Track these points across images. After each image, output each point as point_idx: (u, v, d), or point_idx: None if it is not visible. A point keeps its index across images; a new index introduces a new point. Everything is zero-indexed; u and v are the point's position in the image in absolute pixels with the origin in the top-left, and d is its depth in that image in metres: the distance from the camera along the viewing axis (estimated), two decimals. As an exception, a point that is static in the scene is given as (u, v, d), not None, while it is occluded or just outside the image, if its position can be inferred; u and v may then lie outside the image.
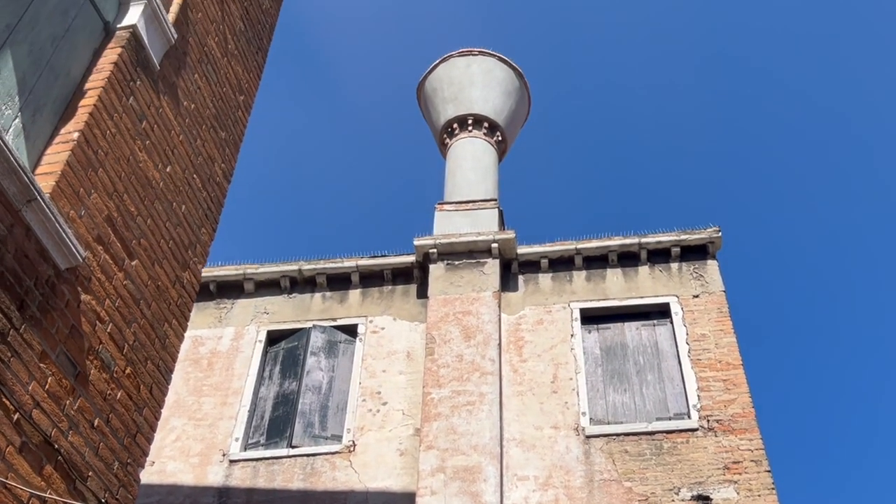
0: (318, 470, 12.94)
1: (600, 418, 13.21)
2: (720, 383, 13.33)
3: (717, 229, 15.15)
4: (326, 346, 14.61)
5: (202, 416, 13.76)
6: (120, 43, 5.80)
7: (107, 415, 5.07)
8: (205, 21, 7.06)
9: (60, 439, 4.61)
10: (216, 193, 6.88)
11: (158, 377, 5.68)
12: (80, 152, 5.12)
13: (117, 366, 5.24)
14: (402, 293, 15.26)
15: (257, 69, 8.11)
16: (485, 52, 19.58)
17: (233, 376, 14.34)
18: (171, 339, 5.89)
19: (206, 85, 6.93)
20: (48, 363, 4.60)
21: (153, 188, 5.91)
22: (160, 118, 6.11)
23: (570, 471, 12.49)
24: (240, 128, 7.54)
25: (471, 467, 12.37)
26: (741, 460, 12.40)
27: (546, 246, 15.33)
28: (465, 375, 13.47)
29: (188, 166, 6.44)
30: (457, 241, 15.10)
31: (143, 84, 5.94)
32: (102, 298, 5.16)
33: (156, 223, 5.88)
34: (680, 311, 14.34)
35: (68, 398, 4.73)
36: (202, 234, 6.57)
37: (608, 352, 14.17)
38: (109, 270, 5.26)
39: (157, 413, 5.61)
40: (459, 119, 18.94)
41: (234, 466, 13.13)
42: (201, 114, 6.77)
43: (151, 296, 5.72)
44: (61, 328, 4.74)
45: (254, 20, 8.15)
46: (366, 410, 13.65)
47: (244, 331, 14.98)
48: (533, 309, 14.71)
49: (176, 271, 6.08)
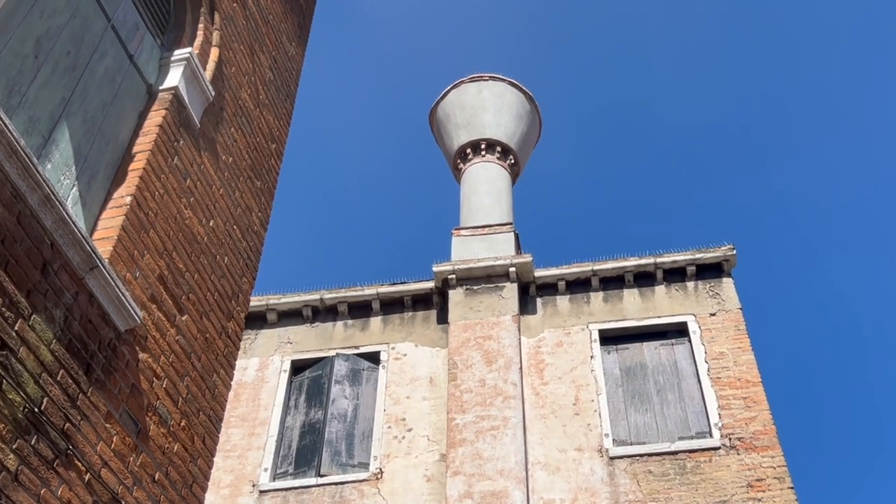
0: (346, 498, 13.13)
1: (623, 439, 13.38)
2: (740, 401, 13.50)
3: (731, 247, 15.35)
4: (350, 374, 14.82)
5: (231, 447, 13.97)
6: (163, 105, 6.03)
7: (166, 468, 5.28)
8: (238, 75, 7.30)
9: (126, 496, 4.82)
10: (255, 242, 7.11)
11: (210, 427, 5.90)
12: (133, 216, 5.35)
13: (173, 419, 5.45)
14: (422, 319, 15.48)
15: (287, 116, 8.34)
16: (495, 77, 19.85)
17: (259, 407, 14.55)
18: (219, 389, 6.11)
19: (241, 137, 7.17)
20: (112, 423, 4.81)
21: (198, 243, 6.13)
22: (202, 174, 6.34)
23: (596, 493, 12.66)
24: (273, 175, 7.77)
25: (498, 492, 12.55)
26: (764, 478, 12.55)
27: (563, 268, 15.54)
28: (489, 400, 13.67)
29: (229, 219, 6.67)
30: (475, 267, 15.31)
31: (185, 143, 6.17)
32: (157, 355, 5.38)
33: (202, 277, 6.11)
34: (698, 330, 14.53)
35: (132, 455, 4.94)
36: (243, 284, 6.79)
37: (628, 372, 14.35)
38: (163, 327, 5.48)
39: (209, 462, 5.82)
40: (472, 144, 19.20)
41: (265, 497, 13.33)
42: (238, 166, 7.01)
43: (201, 348, 5.93)
44: (123, 388, 4.96)
45: (281, 68, 8.39)
46: (391, 437, 13.85)
47: (268, 361, 15.21)
48: (552, 331, 14.91)
49: (222, 322, 6.30)
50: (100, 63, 5.56)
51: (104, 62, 5.61)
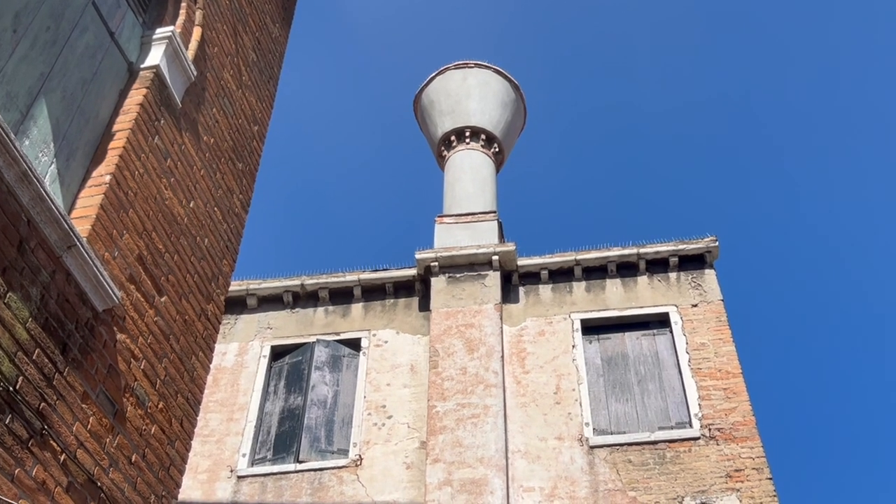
0: (325, 484, 13.09)
1: (603, 428, 13.39)
2: (720, 392, 13.53)
3: (713, 239, 15.36)
4: (330, 361, 14.76)
5: (209, 432, 13.90)
6: (144, 83, 5.94)
7: (143, 450, 5.22)
8: (220, 55, 7.22)
9: (102, 477, 4.76)
10: (235, 225, 7.03)
11: (188, 410, 5.84)
12: (112, 195, 5.27)
13: (151, 401, 5.39)
14: (404, 306, 15.43)
15: (269, 98, 8.26)
16: (480, 64, 19.77)
17: (238, 392, 14.48)
18: (198, 372, 6.05)
19: (223, 118, 7.09)
20: (89, 403, 4.75)
21: (178, 224, 6.06)
22: (183, 155, 6.26)
23: (575, 481, 12.67)
24: (255, 158, 7.69)
25: (477, 480, 12.54)
26: (743, 468, 12.60)
27: (546, 257, 15.51)
28: (470, 388, 13.64)
29: (209, 200, 6.59)
30: (458, 255, 15.27)
31: (166, 122, 6.09)
32: (136, 336, 5.31)
33: (182, 258, 6.04)
34: (679, 321, 14.55)
35: (108, 436, 4.88)
36: (224, 266, 6.72)
37: (609, 362, 14.36)
38: (141, 308, 5.41)
39: (187, 445, 5.76)
40: (457, 131, 19.14)
41: (243, 482, 13.27)
42: (220, 147, 6.93)
43: (180, 330, 5.87)
44: (100, 368, 4.89)
45: (265, 50, 8.30)
46: (371, 424, 13.81)
47: (248, 346, 15.12)
48: (534, 320, 14.89)
49: (201, 304, 6.23)
50: (80, 39, 5.47)
51: (84, 38, 5.51)
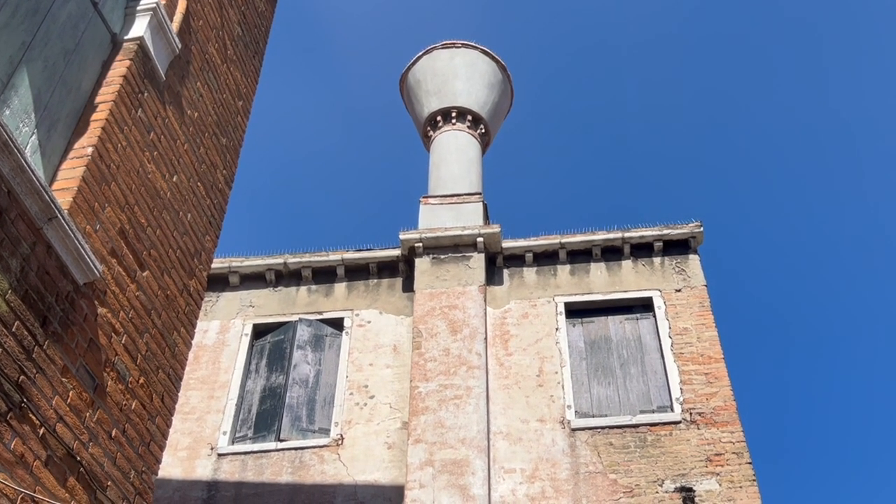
0: (306, 463, 13.07)
1: (585, 411, 13.42)
2: (702, 377, 13.57)
3: (698, 224, 15.37)
4: (313, 340, 14.72)
5: (189, 409, 13.84)
6: (128, 55, 5.87)
7: (123, 425, 5.18)
8: (206, 28, 7.13)
9: (82, 451, 4.71)
10: (219, 200, 6.97)
11: (169, 385, 5.79)
12: (94, 167, 5.20)
13: (132, 376, 5.34)
14: (387, 287, 15.38)
15: (255, 73, 8.18)
16: (468, 44, 19.67)
17: (219, 370, 14.42)
18: (179, 348, 6.00)
19: (207, 92, 7.01)
20: (69, 377, 4.70)
21: (161, 198, 5.99)
22: (166, 128, 6.19)
23: (557, 463, 12.70)
24: (239, 133, 7.62)
25: (459, 460, 12.54)
26: (723, 452, 12.65)
27: (531, 240, 15.48)
28: (452, 369, 13.63)
29: (193, 175, 6.53)
30: (442, 235, 15.22)
31: (150, 95, 6.01)
32: (117, 310, 5.25)
33: (164, 233, 5.98)
34: (663, 306, 14.56)
35: (88, 410, 4.83)
36: (206, 242, 6.67)
37: (592, 345, 14.37)
38: (123, 283, 5.36)
39: (168, 421, 5.72)
40: (443, 112, 19.04)
41: (223, 460, 13.23)
42: (204, 121, 6.86)
43: (161, 305, 5.82)
44: (80, 342, 4.84)
45: (251, 24, 8.22)
46: (353, 404, 13.79)
47: (230, 324, 15.05)
48: (518, 303, 14.88)
49: (183, 280, 6.18)
50: (62, 9, 5.38)
51: (67, 8, 5.43)
